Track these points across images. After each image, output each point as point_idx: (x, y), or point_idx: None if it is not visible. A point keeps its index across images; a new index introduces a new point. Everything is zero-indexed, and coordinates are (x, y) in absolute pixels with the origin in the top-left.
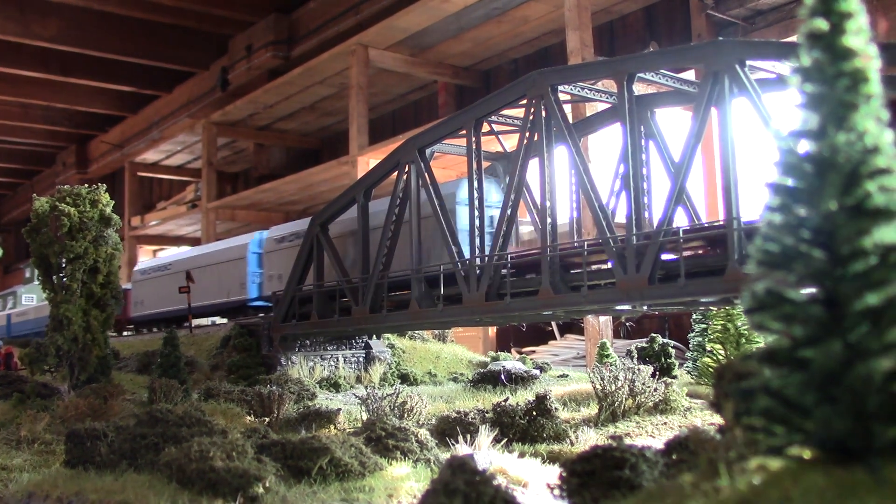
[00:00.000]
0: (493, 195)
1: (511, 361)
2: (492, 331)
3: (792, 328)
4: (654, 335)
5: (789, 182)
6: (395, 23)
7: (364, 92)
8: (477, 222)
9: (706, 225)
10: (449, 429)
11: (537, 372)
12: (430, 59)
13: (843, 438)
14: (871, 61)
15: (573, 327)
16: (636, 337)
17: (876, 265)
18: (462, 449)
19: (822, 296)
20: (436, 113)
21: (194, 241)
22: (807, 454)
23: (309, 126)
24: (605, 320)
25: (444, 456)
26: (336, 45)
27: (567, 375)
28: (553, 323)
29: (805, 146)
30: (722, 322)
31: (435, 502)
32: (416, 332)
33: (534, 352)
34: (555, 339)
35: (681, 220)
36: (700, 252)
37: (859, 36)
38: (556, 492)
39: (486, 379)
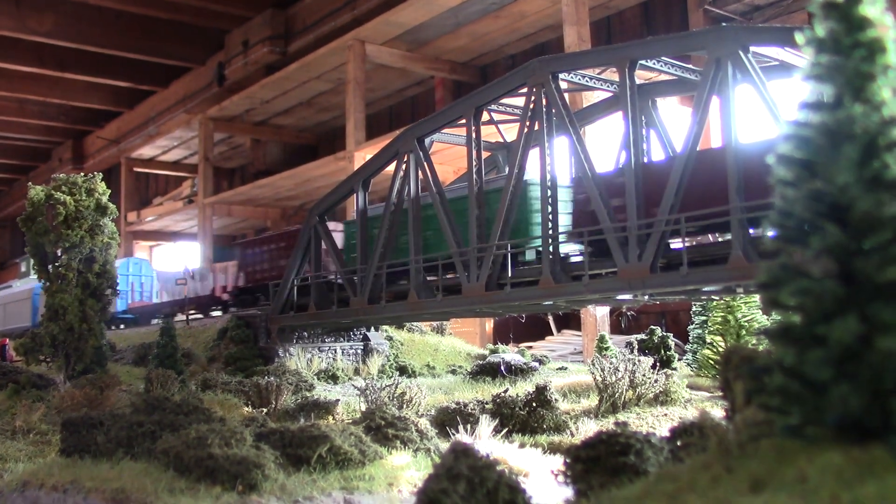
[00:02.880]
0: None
1: (510, 353)
2: (489, 326)
3: (808, 303)
4: (654, 327)
5: (803, 155)
6: (391, 18)
7: (361, 87)
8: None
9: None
10: (448, 419)
11: (536, 364)
12: (427, 54)
13: (861, 416)
14: (888, 31)
15: (570, 323)
16: (633, 333)
17: (894, 238)
18: (462, 438)
19: (838, 270)
20: (433, 109)
21: (191, 237)
22: (823, 433)
23: (306, 121)
24: (603, 315)
25: (444, 446)
26: (333, 40)
27: (566, 368)
28: (550, 319)
29: (819, 118)
30: (722, 314)
31: (438, 487)
32: (415, 324)
33: (531, 347)
34: (551, 334)
35: None
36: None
37: (875, 5)
38: (561, 478)
39: (485, 371)
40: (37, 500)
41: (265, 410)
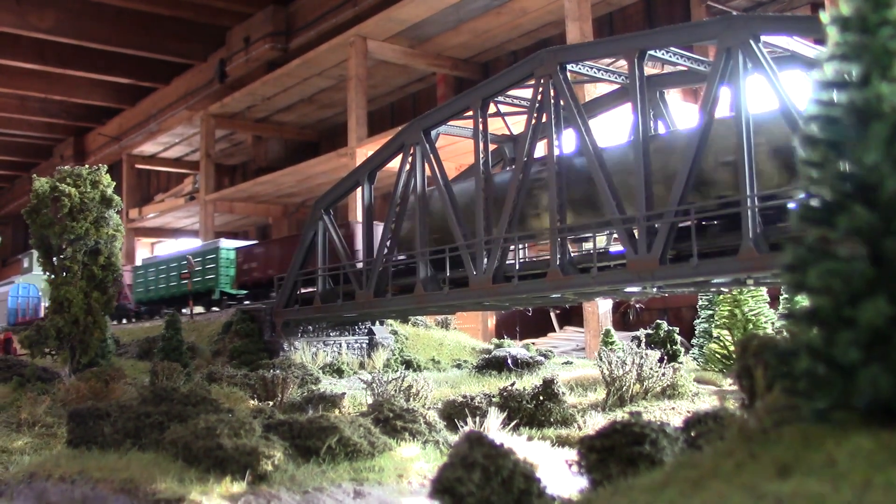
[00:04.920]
0: (32, 291)
1: (516, 348)
2: (491, 322)
3: (835, 285)
4: (660, 322)
5: (829, 135)
6: (393, 14)
7: (363, 84)
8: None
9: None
10: (456, 412)
11: (542, 358)
12: (429, 50)
13: (891, 399)
14: None
15: (572, 319)
16: (635, 328)
17: None
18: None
19: (867, 251)
20: (435, 105)
21: (192, 234)
22: (851, 417)
23: (307, 118)
24: (605, 311)
25: (453, 438)
26: (334, 36)
27: (571, 362)
28: (552, 315)
29: (845, 98)
30: (729, 308)
31: (453, 475)
32: (420, 319)
33: (533, 343)
34: (554, 330)
35: None
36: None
37: None
38: (575, 468)
39: (491, 365)
40: (44, 491)
41: (271, 403)
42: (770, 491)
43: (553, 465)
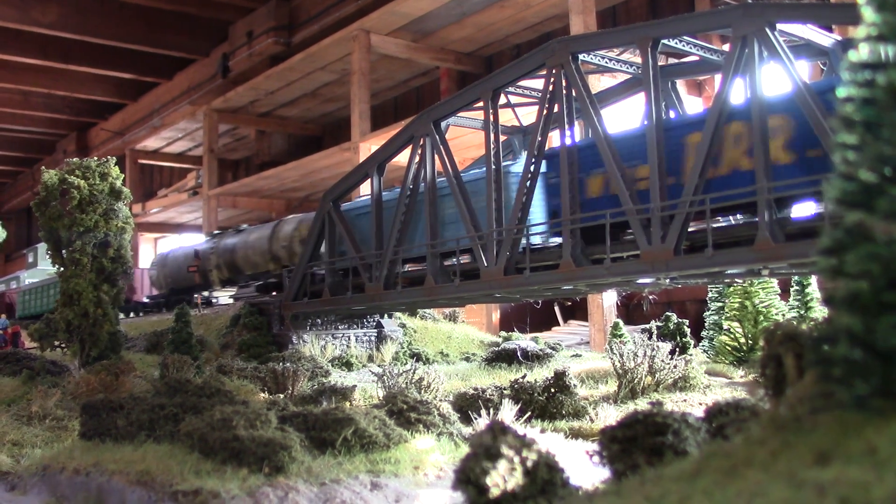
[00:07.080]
0: None
1: (525, 340)
2: (496, 316)
3: (874, 269)
4: (669, 314)
5: (866, 116)
6: (396, 8)
7: (366, 78)
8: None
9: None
10: (468, 405)
11: (552, 351)
12: (432, 44)
13: None
14: None
15: (576, 313)
16: (638, 323)
17: None
18: (485, 423)
19: None
20: (438, 99)
21: (196, 229)
22: (890, 404)
23: (310, 112)
24: (610, 306)
25: (467, 430)
26: (337, 30)
27: (580, 355)
28: (557, 309)
29: (883, 78)
30: (739, 300)
31: (476, 466)
32: (428, 312)
33: (539, 336)
34: (558, 324)
35: None
36: None
37: None
38: (596, 459)
39: (501, 357)
40: (57, 483)
41: (282, 396)
42: (809, 478)
43: (568, 457)
